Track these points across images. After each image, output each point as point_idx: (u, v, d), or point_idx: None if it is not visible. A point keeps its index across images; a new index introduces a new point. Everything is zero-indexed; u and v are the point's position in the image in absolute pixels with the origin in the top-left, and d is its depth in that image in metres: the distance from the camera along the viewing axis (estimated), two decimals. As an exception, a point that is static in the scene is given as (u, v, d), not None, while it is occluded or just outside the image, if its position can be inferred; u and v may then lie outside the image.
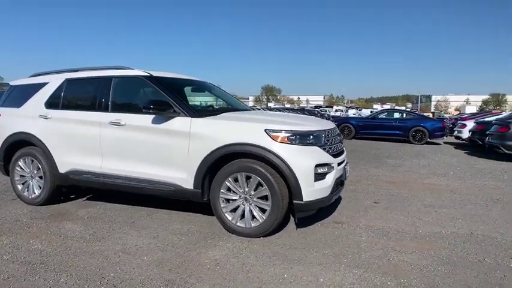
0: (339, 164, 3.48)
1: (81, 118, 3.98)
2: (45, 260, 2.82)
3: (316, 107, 40.96)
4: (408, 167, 7.55)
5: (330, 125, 3.77)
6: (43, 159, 4.18)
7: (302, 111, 20.71)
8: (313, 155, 3.21)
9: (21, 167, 4.38)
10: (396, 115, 15.49)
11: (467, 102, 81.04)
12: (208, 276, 2.57)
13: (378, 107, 60.58)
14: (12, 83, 4.80)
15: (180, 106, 3.55)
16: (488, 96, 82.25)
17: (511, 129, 8.20)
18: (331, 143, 3.49)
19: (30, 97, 4.41)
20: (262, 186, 3.21)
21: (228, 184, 3.34)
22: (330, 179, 3.29)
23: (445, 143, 14.17)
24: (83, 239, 3.27)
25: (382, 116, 15.44)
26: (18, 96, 4.62)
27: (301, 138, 3.22)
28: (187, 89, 4.50)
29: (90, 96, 4.10)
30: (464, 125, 13.08)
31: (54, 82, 4.30)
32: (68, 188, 4.37)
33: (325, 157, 3.29)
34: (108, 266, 2.71)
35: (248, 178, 3.26)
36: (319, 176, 3.20)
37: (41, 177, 4.27)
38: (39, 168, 4.25)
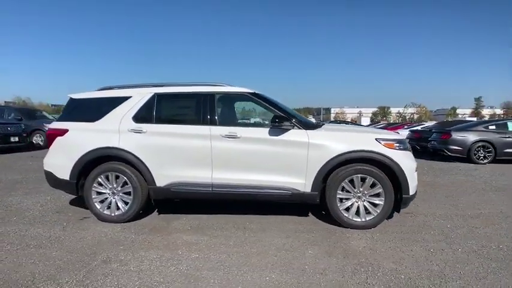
0: None
1: (184, 132, 4.08)
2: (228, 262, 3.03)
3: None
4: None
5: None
6: (134, 174, 4.11)
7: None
8: (411, 157, 4.04)
9: (101, 184, 4.19)
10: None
11: (360, 114, 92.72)
12: (364, 255, 3.14)
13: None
14: (74, 96, 4.50)
15: (295, 119, 4.03)
16: (377, 109, 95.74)
17: (452, 136, 10.47)
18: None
19: (108, 111, 4.26)
20: (375, 185, 3.90)
21: (345, 185, 3.94)
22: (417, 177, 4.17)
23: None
24: (226, 245, 3.47)
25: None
26: (88, 110, 4.39)
27: (402, 144, 4.03)
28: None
29: (191, 111, 4.23)
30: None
31: (139, 96, 4.27)
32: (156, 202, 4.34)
33: (414, 159, 4.15)
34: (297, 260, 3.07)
35: (363, 179, 3.91)
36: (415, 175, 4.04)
37: (127, 193, 4.17)
38: (126, 184, 4.15)
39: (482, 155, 10.25)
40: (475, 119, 58.34)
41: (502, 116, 78.29)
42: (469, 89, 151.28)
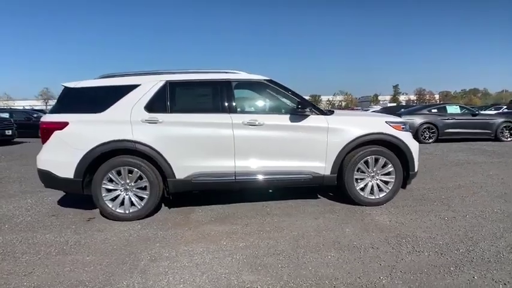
0: None
1: (205, 121, 3.94)
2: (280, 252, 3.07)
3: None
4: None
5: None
6: (150, 167, 3.87)
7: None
8: (413, 138, 4.45)
9: (111, 180, 3.87)
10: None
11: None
12: (396, 228, 3.47)
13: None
14: (70, 85, 4.01)
15: (313, 106, 4.16)
16: (309, 97, 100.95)
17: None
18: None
19: (115, 101, 3.91)
20: (387, 165, 4.23)
21: (360, 166, 4.20)
22: None
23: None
24: (265, 231, 3.50)
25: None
26: (89, 100, 3.98)
27: (406, 126, 4.41)
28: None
29: (208, 99, 4.09)
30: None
31: (149, 84, 3.99)
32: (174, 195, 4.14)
33: (414, 140, 4.59)
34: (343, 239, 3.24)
35: (376, 160, 4.21)
36: (417, 153, 4.47)
37: (142, 189, 3.91)
38: (141, 178, 3.89)
39: (427, 135, 11.56)
40: (394, 104, 65.14)
41: (415, 101, 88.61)
42: (387, 77, 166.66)
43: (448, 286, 2.38)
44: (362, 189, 4.24)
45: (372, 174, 4.25)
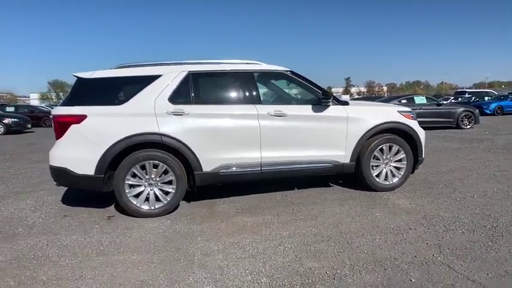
0: None
1: (231, 112, 3.88)
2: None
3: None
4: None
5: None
6: (176, 161, 3.74)
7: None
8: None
9: (135, 175, 3.69)
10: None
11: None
12: (420, 211, 3.73)
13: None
14: (84, 76, 3.71)
15: (333, 96, 4.26)
16: None
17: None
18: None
19: (136, 92, 3.71)
20: (399, 152, 4.47)
21: (376, 154, 4.40)
22: None
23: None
24: (300, 220, 3.57)
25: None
26: (107, 91, 3.73)
27: (414, 115, 4.68)
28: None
29: (232, 90, 4.03)
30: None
31: (171, 75, 3.83)
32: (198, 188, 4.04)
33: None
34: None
35: (390, 148, 4.44)
36: (422, 140, 4.78)
37: (167, 183, 3.78)
38: (167, 172, 3.75)
39: (399, 124, 12.28)
40: (348, 96, 68.27)
41: (365, 93, 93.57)
42: (340, 70, 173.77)
43: (496, 259, 2.62)
44: (377, 175, 4.46)
45: (386, 161, 4.47)
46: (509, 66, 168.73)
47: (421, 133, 4.58)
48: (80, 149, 3.57)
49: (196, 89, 3.90)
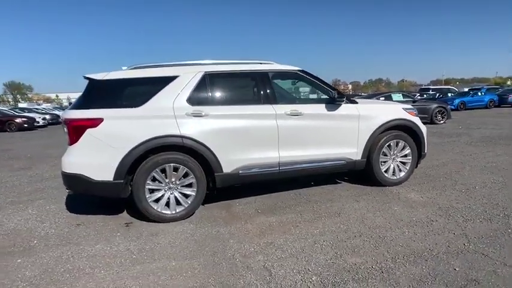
0: None
1: (249, 112, 3.85)
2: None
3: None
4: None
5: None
6: (196, 163, 3.67)
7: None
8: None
9: (154, 179, 3.58)
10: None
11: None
12: (433, 203, 3.93)
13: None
14: (96, 77, 3.53)
15: (344, 95, 4.36)
16: None
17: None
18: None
19: (154, 94, 3.60)
20: (405, 147, 4.66)
21: (385, 150, 4.56)
22: None
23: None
24: (324, 217, 3.63)
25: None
26: (123, 93, 3.59)
27: (416, 112, 4.90)
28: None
29: (248, 90, 4.01)
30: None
31: (188, 76, 3.74)
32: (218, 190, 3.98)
33: (420, 123, 5.12)
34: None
35: (397, 144, 4.62)
36: (423, 135, 5.01)
37: (187, 186, 3.70)
38: (187, 175, 3.67)
39: (379, 121, 12.75)
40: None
41: (351, 91, 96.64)
42: (327, 70, 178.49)
43: (520, 244, 2.83)
44: (386, 171, 4.62)
45: (393, 156, 4.65)
46: (462, 64, 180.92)
47: (424, 129, 4.81)
48: (97, 154, 3.40)
49: (212, 90, 3.84)
